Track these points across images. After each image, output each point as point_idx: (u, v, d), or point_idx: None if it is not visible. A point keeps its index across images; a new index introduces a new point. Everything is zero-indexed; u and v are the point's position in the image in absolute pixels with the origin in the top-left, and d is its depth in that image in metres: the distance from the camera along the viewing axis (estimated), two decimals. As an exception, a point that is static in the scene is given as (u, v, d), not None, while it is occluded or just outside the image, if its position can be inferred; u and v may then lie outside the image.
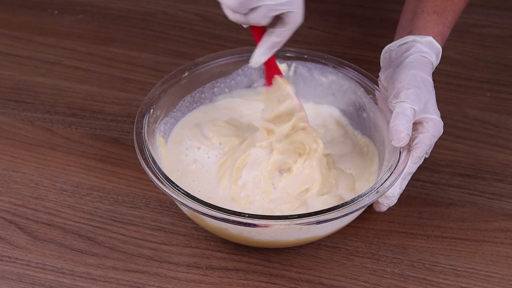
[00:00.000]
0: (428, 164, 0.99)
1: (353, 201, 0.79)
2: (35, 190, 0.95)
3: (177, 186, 0.80)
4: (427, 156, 0.89)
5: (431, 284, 0.86)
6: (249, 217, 0.77)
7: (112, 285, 0.85)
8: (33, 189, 0.95)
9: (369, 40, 1.22)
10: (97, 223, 0.91)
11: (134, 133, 0.86)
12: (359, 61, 1.12)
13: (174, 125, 0.95)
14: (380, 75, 0.92)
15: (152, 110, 0.89)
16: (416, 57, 0.89)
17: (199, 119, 0.97)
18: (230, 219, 0.77)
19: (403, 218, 0.93)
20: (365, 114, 0.96)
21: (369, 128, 0.95)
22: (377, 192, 0.80)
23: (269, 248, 0.88)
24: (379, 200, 0.86)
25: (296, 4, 0.76)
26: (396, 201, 0.87)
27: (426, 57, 0.90)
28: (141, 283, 0.85)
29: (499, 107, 1.09)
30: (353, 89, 0.96)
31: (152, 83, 1.08)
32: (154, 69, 1.16)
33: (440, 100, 0.90)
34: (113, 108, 1.08)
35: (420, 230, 0.91)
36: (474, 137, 1.04)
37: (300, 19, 0.78)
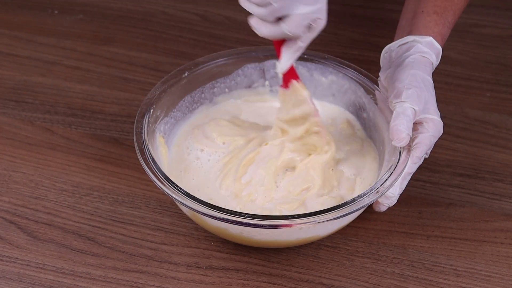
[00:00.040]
0: (428, 164, 0.99)
1: (353, 201, 0.79)
2: (35, 190, 0.95)
3: (177, 186, 0.80)
4: (427, 156, 0.89)
5: (431, 284, 0.86)
6: (249, 217, 0.77)
7: (112, 285, 0.85)
8: (33, 189, 0.95)
9: (369, 40, 1.22)
10: (97, 223, 0.91)
11: (134, 133, 0.86)
12: (359, 61, 1.12)
13: (174, 125, 0.95)
14: (380, 75, 0.92)
15: (152, 110, 0.89)
16: (416, 57, 0.89)
17: (199, 121, 0.97)
18: (230, 219, 0.77)
19: (403, 218, 0.93)
20: (365, 114, 0.96)
21: (369, 128, 0.95)
22: (377, 192, 0.80)
23: (269, 248, 0.88)
24: (379, 200, 0.86)
25: (323, 11, 0.78)
26: (396, 201, 0.87)
27: (426, 57, 0.90)
28: (141, 283, 0.85)
29: (499, 107, 1.09)
30: (353, 89, 0.96)
31: (152, 83, 1.09)
32: (154, 69, 1.15)
33: (440, 100, 0.90)
34: (113, 108, 1.08)
35: (420, 230, 0.91)
36: (474, 137, 1.04)
37: (324, 24, 0.79)
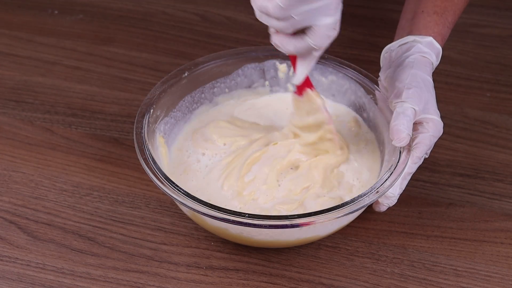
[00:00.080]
0: (428, 164, 0.99)
1: (353, 201, 0.79)
2: (35, 190, 0.95)
3: (177, 186, 0.80)
4: (427, 156, 0.89)
5: (431, 284, 0.86)
6: (249, 217, 0.77)
7: (112, 285, 0.85)
8: (33, 189, 0.95)
9: (369, 40, 1.22)
10: (97, 223, 0.91)
11: (134, 133, 0.86)
12: (359, 61, 1.12)
13: (174, 125, 0.95)
14: (380, 75, 0.92)
15: (152, 110, 0.89)
16: (416, 57, 0.89)
17: (200, 122, 0.97)
18: (230, 219, 0.77)
19: (403, 218, 0.93)
20: (365, 114, 0.96)
21: (369, 128, 0.95)
22: (377, 192, 0.80)
23: (269, 248, 0.88)
24: (379, 200, 0.86)
25: (339, 20, 0.79)
26: (396, 201, 0.87)
27: (426, 57, 0.90)
28: (141, 283, 0.85)
29: (499, 107, 1.09)
30: (353, 89, 0.96)
31: (152, 83, 1.09)
32: (154, 69, 1.15)
33: (440, 100, 0.90)
34: (113, 108, 1.08)
35: (420, 230, 0.91)
36: (474, 137, 1.04)
37: (337, 34, 0.80)
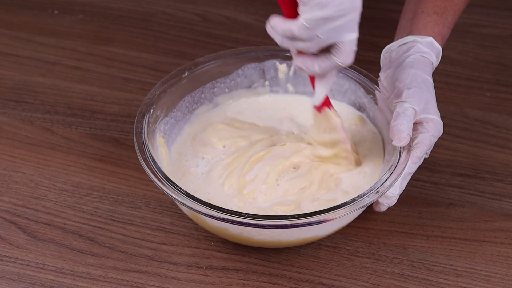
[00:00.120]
0: (428, 164, 0.99)
1: (353, 201, 0.79)
2: (35, 190, 0.95)
3: (177, 186, 0.80)
4: (427, 156, 0.88)
5: (431, 284, 0.86)
6: (249, 217, 0.77)
7: (112, 285, 0.85)
8: (33, 189, 0.95)
9: (369, 40, 1.22)
10: (97, 223, 0.91)
11: (134, 133, 0.86)
12: (359, 61, 1.11)
13: (174, 125, 0.95)
14: (380, 75, 0.92)
15: (152, 110, 0.89)
16: (416, 57, 0.89)
17: (200, 122, 0.97)
18: (230, 219, 0.77)
19: (403, 218, 0.93)
20: (365, 114, 0.96)
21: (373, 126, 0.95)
22: (377, 192, 0.80)
23: (269, 248, 0.88)
24: (379, 200, 0.86)
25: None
26: (396, 201, 0.87)
27: (427, 57, 0.90)
28: (141, 283, 0.85)
29: (499, 107, 1.09)
30: (353, 89, 0.96)
31: (152, 83, 1.09)
32: (154, 69, 1.15)
33: (440, 100, 0.90)
34: (113, 108, 1.08)
35: (420, 230, 0.91)
36: (474, 137, 1.04)
37: None
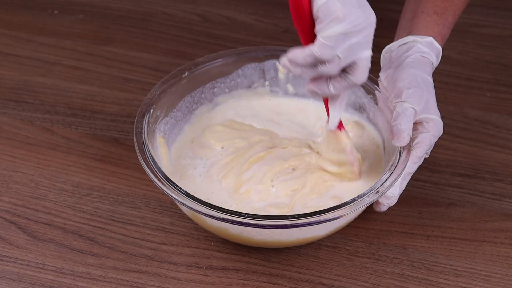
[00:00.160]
0: (428, 164, 0.99)
1: (353, 201, 0.79)
2: (35, 190, 0.95)
3: (177, 186, 0.80)
4: (427, 156, 0.89)
5: (431, 284, 0.86)
6: (249, 217, 0.77)
7: (112, 285, 0.85)
8: (33, 189, 0.95)
9: (369, 40, 1.21)
10: (97, 223, 0.91)
11: (134, 133, 0.86)
12: (359, 61, 1.12)
13: (174, 125, 0.95)
14: (380, 75, 0.92)
15: (152, 110, 0.89)
16: (416, 57, 0.89)
17: (200, 123, 0.97)
18: (230, 219, 0.77)
19: (403, 218, 0.93)
20: (365, 114, 0.96)
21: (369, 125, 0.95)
22: (377, 192, 0.80)
23: (269, 248, 0.88)
24: (379, 200, 0.86)
25: None
26: (396, 201, 0.87)
27: (426, 57, 0.90)
28: (141, 283, 0.85)
29: (499, 107, 1.09)
30: (353, 89, 0.96)
31: (152, 83, 1.09)
32: (154, 69, 1.15)
33: (440, 100, 0.90)
34: (113, 108, 1.08)
35: (420, 230, 0.91)
36: (474, 137, 1.04)
37: None
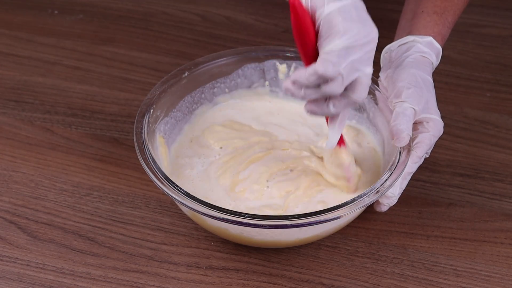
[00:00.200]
0: (428, 164, 0.99)
1: (353, 201, 0.79)
2: (35, 190, 0.95)
3: (177, 186, 0.80)
4: (427, 156, 0.89)
5: (431, 284, 0.86)
6: (249, 217, 0.77)
7: (112, 285, 0.85)
8: (33, 189, 0.95)
9: (369, 40, 1.21)
10: (97, 223, 0.91)
11: (134, 133, 0.86)
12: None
13: (174, 125, 0.95)
14: (380, 75, 0.92)
15: (152, 110, 0.89)
16: (416, 57, 0.89)
17: (199, 123, 0.97)
18: (230, 219, 0.77)
19: (403, 218, 0.93)
20: (365, 114, 0.95)
21: (369, 128, 0.95)
22: (377, 192, 0.80)
23: (269, 248, 0.88)
24: (379, 200, 0.86)
25: None
26: (396, 201, 0.87)
27: (426, 57, 0.90)
28: (141, 283, 0.85)
29: (499, 107, 1.09)
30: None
31: (152, 83, 1.09)
32: (154, 69, 1.15)
33: (440, 100, 0.90)
34: (113, 108, 1.08)
35: (420, 230, 0.91)
36: (474, 137, 1.04)
37: None
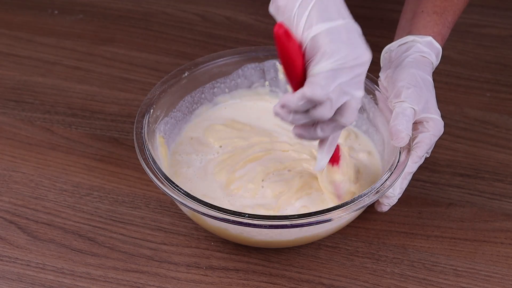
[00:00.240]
0: (428, 164, 0.99)
1: (353, 201, 0.79)
2: (35, 190, 0.95)
3: (177, 186, 0.80)
4: (428, 156, 0.89)
5: (431, 284, 0.86)
6: (249, 217, 0.77)
7: (112, 285, 0.85)
8: (33, 189, 0.95)
9: (369, 40, 1.20)
10: (97, 223, 0.91)
11: (134, 133, 0.86)
12: (359, 61, 1.12)
13: (174, 125, 0.95)
14: (380, 75, 0.92)
15: (152, 110, 0.89)
16: (415, 56, 0.89)
17: (199, 123, 0.97)
18: (230, 219, 0.77)
19: (403, 218, 0.93)
20: (365, 114, 0.95)
21: (369, 128, 0.95)
22: (377, 192, 0.80)
23: (269, 248, 0.88)
24: (380, 200, 0.86)
25: None
26: (396, 200, 0.87)
27: (426, 57, 0.90)
28: (141, 283, 0.85)
29: (499, 107, 1.09)
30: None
31: (152, 83, 1.09)
32: (154, 69, 1.15)
33: (440, 100, 0.90)
34: (113, 108, 1.08)
35: (420, 230, 0.91)
36: (474, 137, 1.04)
37: None
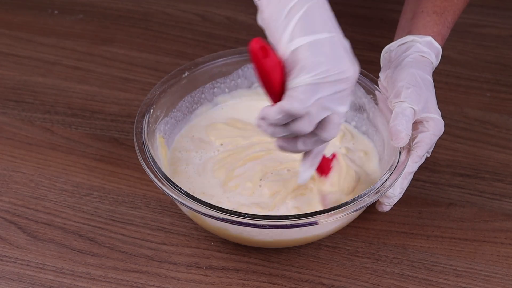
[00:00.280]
0: (428, 164, 0.99)
1: (353, 201, 0.79)
2: (35, 190, 0.95)
3: (177, 186, 0.80)
4: (428, 155, 0.89)
5: (431, 284, 0.86)
6: (249, 217, 0.77)
7: (112, 285, 0.85)
8: (33, 189, 0.95)
9: (369, 40, 1.22)
10: (97, 223, 0.91)
11: (134, 133, 0.86)
12: (359, 61, 1.11)
13: (174, 125, 0.95)
14: (380, 75, 0.92)
15: (152, 110, 0.89)
16: (415, 56, 0.89)
17: (199, 123, 0.97)
18: (230, 219, 0.77)
19: (403, 218, 0.93)
20: (365, 115, 0.96)
21: (369, 128, 0.95)
22: (377, 192, 0.80)
23: (269, 248, 0.88)
24: (380, 200, 0.86)
25: None
26: (397, 200, 0.87)
27: (426, 57, 0.90)
28: (141, 283, 0.85)
29: (499, 107, 1.09)
30: (353, 89, 0.96)
31: (152, 83, 1.09)
32: (154, 69, 1.15)
33: (440, 100, 0.90)
34: (113, 108, 1.08)
35: (420, 230, 0.91)
36: (474, 137, 1.04)
37: None
